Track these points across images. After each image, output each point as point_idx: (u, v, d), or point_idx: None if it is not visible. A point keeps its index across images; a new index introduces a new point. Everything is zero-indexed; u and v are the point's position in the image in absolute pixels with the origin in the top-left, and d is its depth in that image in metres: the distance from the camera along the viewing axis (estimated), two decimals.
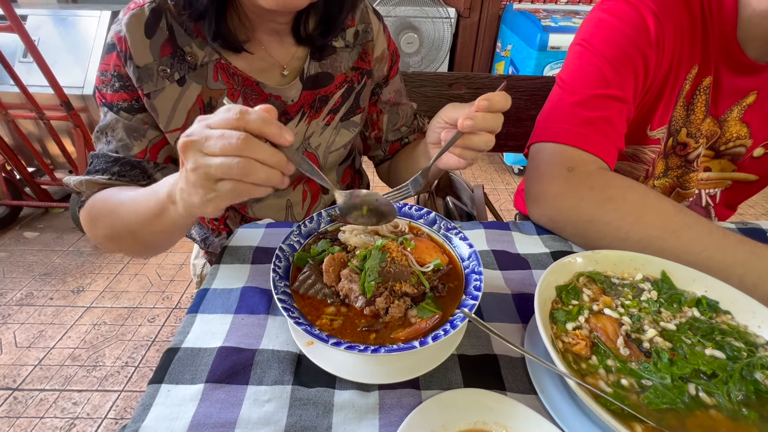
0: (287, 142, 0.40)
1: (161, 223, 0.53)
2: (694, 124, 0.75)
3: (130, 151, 0.64)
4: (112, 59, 0.60)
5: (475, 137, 0.50)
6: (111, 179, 0.63)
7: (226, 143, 0.37)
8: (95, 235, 0.63)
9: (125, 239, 0.60)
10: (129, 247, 0.62)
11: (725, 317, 0.44)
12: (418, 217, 0.56)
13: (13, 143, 1.97)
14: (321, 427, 0.38)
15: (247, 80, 0.65)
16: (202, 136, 0.39)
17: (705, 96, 0.72)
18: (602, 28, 0.68)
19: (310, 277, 0.45)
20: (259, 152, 0.38)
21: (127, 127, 0.63)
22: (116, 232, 0.60)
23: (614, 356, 0.39)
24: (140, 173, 0.65)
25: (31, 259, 1.90)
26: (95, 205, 0.62)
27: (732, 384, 0.36)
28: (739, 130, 0.76)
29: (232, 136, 0.37)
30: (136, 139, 0.64)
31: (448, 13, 2.58)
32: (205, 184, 0.40)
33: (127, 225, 0.57)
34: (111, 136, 0.64)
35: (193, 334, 0.47)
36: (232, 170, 0.38)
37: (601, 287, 0.47)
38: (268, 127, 0.39)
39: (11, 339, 1.51)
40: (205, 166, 0.39)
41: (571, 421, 0.38)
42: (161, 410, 0.39)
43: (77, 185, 0.63)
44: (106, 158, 0.64)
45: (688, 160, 0.80)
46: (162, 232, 0.56)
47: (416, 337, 0.40)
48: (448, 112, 0.55)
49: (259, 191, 0.40)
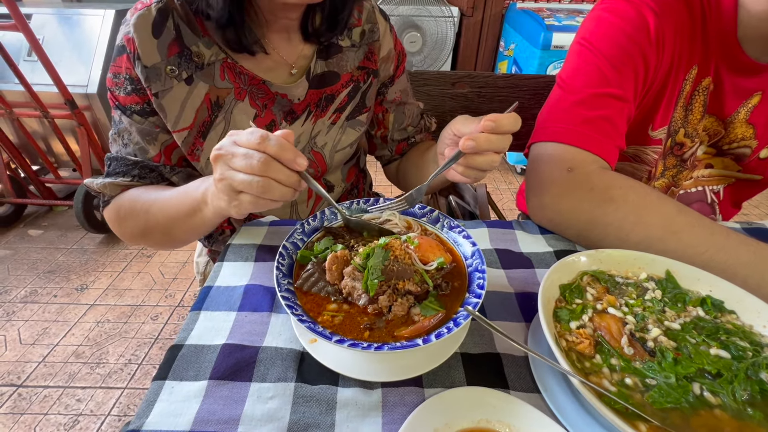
0: (301, 167, 0.44)
1: (194, 221, 0.58)
2: (692, 124, 0.75)
3: (146, 154, 0.66)
4: (123, 61, 0.60)
5: (478, 157, 0.50)
6: (132, 181, 0.67)
7: (249, 163, 0.43)
8: (123, 232, 0.68)
9: (156, 235, 0.65)
10: (158, 241, 0.67)
11: (730, 317, 0.44)
12: (421, 215, 0.56)
13: (17, 142, 1.99)
14: (324, 424, 0.38)
15: (254, 79, 0.65)
16: (229, 152, 0.44)
17: (703, 97, 0.72)
18: (602, 27, 0.67)
19: (313, 274, 0.45)
20: (277, 173, 0.44)
21: (140, 131, 0.64)
22: (148, 229, 0.64)
23: (618, 355, 0.39)
24: (158, 176, 0.68)
25: (35, 256, 1.91)
26: (123, 205, 0.66)
27: (737, 383, 0.36)
28: (745, 131, 0.75)
29: (254, 157, 0.43)
30: (149, 142, 0.65)
31: (452, 12, 2.58)
32: (230, 194, 0.46)
33: (160, 222, 0.62)
34: (128, 139, 0.66)
35: (197, 331, 0.47)
36: (252, 187, 0.43)
37: (605, 286, 0.47)
38: (285, 153, 0.43)
39: (16, 336, 1.52)
40: (230, 179, 0.45)
41: (574, 420, 0.38)
42: (165, 406, 0.40)
43: (101, 188, 0.66)
44: (125, 162, 0.66)
45: (683, 159, 0.80)
46: (193, 229, 0.62)
47: (419, 335, 0.40)
48: (457, 125, 0.54)
49: (274, 205, 0.46)
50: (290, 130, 0.45)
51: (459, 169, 0.52)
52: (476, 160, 0.50)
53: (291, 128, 0.71)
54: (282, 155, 0.43)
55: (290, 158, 0.43)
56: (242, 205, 0.47)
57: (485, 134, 0.48)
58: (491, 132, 0.48)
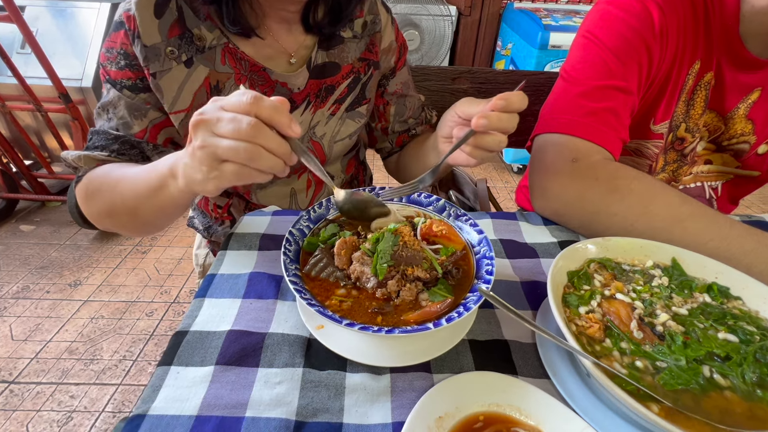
0: (295, 133, 0.40)
1: (159, 199, 0.53)
2: (693, 119, 0.75)
3: (130, 129, 0.63)
4: (119, 37, 0.59)
5: (488, 137, 0.49)
6: (110, 156, 0.62)
7: (237, 127, 0.38)
8: (91, 211, 0.62)
9: (122, 215, 0.59)
10: (125, 224, 0.62)
11: (736, 303, 0.44)
12: (427, 204, 0.56)
13: (10, 136, 1.95)
14: (333, 408, 0.38)
15: (254, 66, 0.65)
16: (214, 117, 0.39)
17: (705, 92, 0.72)
18: (607, 20, 0.67)
19: (321, 260, 0.45)
20: (267, 140, 0.39)
21: (128, 105, 0.62)
22: (113, 208, 0.59)
23: (628, 339, 0.39)
24: (138, 153, 0.64)
25: (27, 252, 1.88)
26: (93, 181, 0.61)
27: (746, 366, 0.36)
28: (744, 126, 0.76)
29: (243, 121, 0.38)
30: (137, 117, 0.63)
31: (449, 10, 2.59)
32: (211, 163, 0.41)
33: (126, 200, 0.57)
34: (112, 113, 0.63)
35: (202, 318, 0.47)
36: (239, 154, 0.39)
37: (612, 273, 0.47)
38: (279, 116, 0.39)
39: (7, 332, 1.49)
40: (213, 146, 0.39)
41: (584, 404, 0.38)
42: (171, 392, 0.39)
43: (75, 160, 0.63)
44: (106, 135, 0.63)
45: (683, 154, 0.80)
46: (160, 209, 0.56)
47: (427, 320, 0.40)
48: (463, 106, 0.53)
49: (261, 177, 0.41)
50: (284, 98, 0.41)
51: (467, 150, 0.51)
52: (486, 140, 0.50)
53: None
54: (276, 118, 0.39)
55: (285, 122, 0.40)
56: (223, 177, 0.41)
57: (496, 113, 0.47)
58: (502, 110, 0.47)
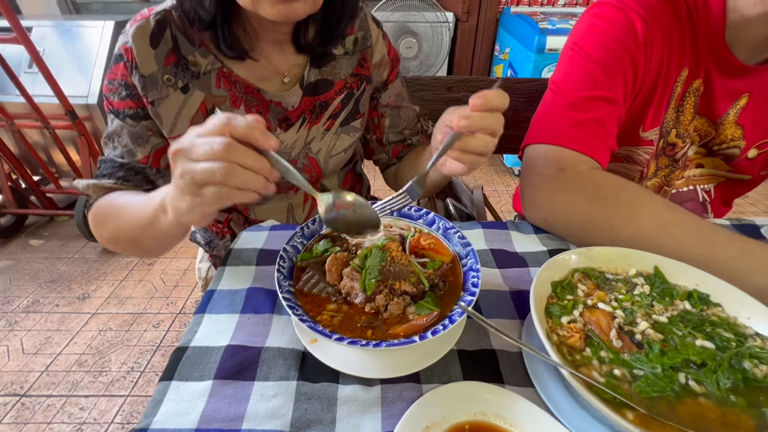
0: (270, 146, 0.40)
1: (155, 231, 0.54)
2: (683, 125, 0.77)
3: (134, 156, 0.67)
4: (119, 69, 0.62)
5: (473, 139, 0.48)
6: (116, 183, 0.66)
7: (210, 149, 0.38)
8: (100, 236, 0.66)
9: (125, 243, 0.63)
10: (130, 250, 0.65)
11: (716, 309, 0.45)
12: (417, 217, 0.57)
13: (18, 152, 2.00)
14: (326, 419, 0.40)
15: (249, 87, 0.67)
16: (189, 144, 0.40)
17: (694, 98, 0.74)
18: (592, 32, 0.69)
19: (313, 276, 0.47)
20: (242, 157, 0.39)
21: (131, 134, 0.66)
22: (118, 235, 0.63)
23: (607, 348, 0.40)
24: (143, 178, 0.68)
25: (36, 266, 1.92)
26: (101, 208, 0.65)
27: (721, 372, 0.37)
28: (734, 132, 0.77)
29: (215, 142, 0.38)
30: (139, 145, 0.66)
31: (447, 17, 2.61)
32: (192, 190, 0.41)
33: (127, 230, 0.60)
34: (117, 142, 0.67)
35: (201, 333, 0.49)
36: (215, 174, 0.38)
37: (595, 282, 0.48)
38: (252, 131, 0.39)
39: (18, 346, 1.53)
40: (191, 171, 0.40)
41: (566, 412, 0.39)
42: (172, 406, 0.41)
43: (85, 189, 0.66)
44: (112, 163, 0.67)
45: (675, 159, 0.82)
46: (155, 239, 0.58)
47: (414, 332, 0.42)
48: (447, 115, 0.53)
49: (243, 196, 0.41)
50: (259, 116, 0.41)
51: (454, 155, 0.50)
52: (471, 142, 0.49)
53: (286, 135, 0.72)
54: (249, 134, 0.39)
55: (259, 136, 0.39)
56: (205, 202, 0.41)
57: (477, 112, 0.47)
58: (481, 109, 0.47)
